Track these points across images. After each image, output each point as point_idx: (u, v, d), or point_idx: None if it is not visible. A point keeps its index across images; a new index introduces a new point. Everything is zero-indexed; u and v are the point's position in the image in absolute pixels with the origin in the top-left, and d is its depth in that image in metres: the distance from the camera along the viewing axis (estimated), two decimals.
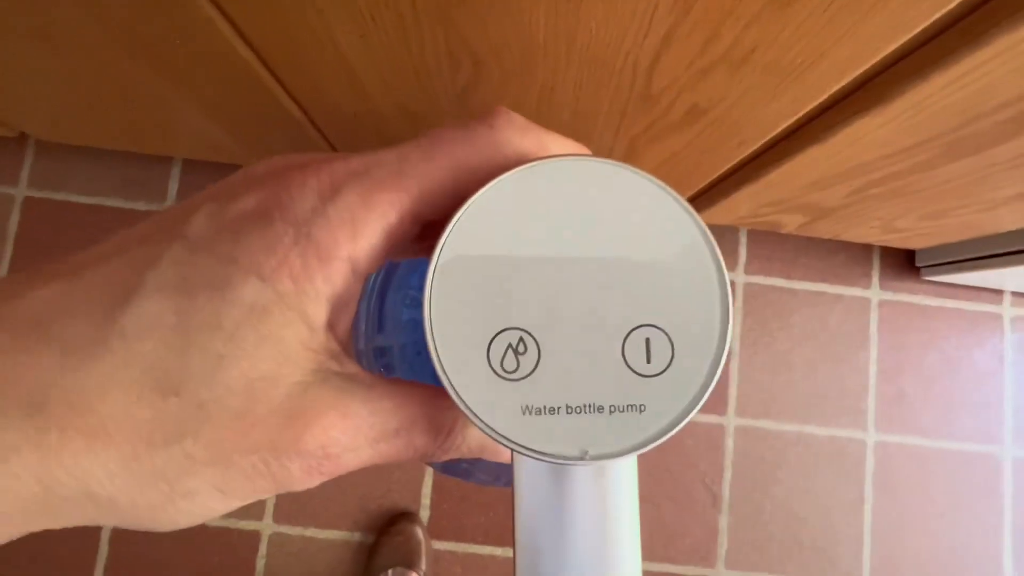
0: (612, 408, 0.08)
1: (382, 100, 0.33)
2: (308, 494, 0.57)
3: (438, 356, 0.08)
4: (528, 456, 0.08)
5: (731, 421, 0.61)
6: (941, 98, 0.25)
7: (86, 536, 0.56)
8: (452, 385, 0.08)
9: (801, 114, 0.29)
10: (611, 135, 0.34)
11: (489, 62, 0.27)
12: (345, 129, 0.39)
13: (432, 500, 0.58)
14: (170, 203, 0.61)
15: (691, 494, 0.59)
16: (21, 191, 0.61)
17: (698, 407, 0.08)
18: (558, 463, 0.08)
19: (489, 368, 0.08)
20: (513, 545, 0.09)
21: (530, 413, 0.08)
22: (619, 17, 0.22)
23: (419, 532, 0.55)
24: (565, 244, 0.08)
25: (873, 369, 0.62)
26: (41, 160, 0.61)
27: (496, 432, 0.08)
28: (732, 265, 0.64)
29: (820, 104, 0.28)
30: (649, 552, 0.58)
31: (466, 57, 0.26)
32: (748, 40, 0.22)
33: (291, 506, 0.57)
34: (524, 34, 0.24)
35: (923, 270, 0.62)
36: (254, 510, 0.57)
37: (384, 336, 0.34)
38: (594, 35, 0.23)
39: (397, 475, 0.58)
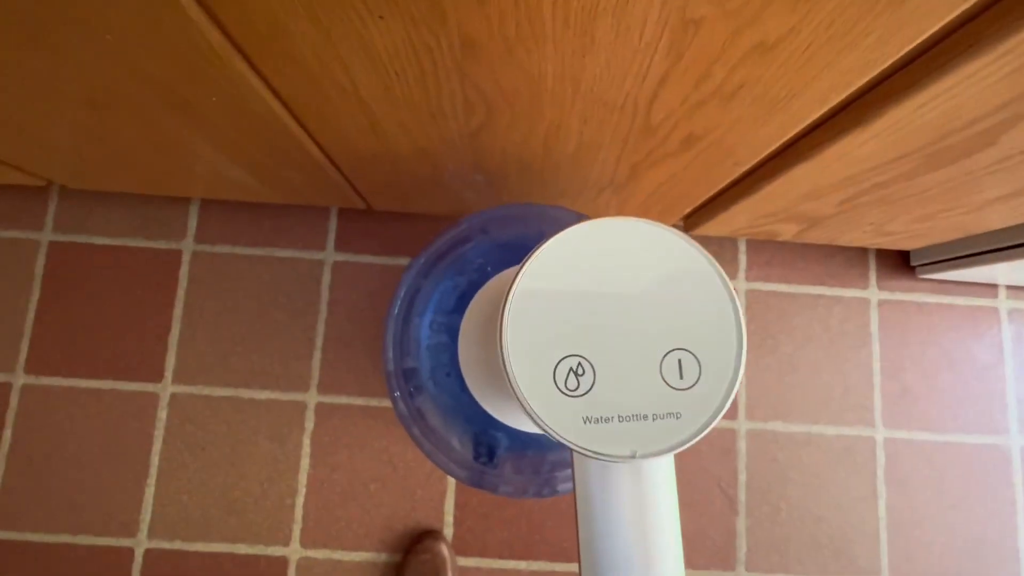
0: (654, 416, 0.10)
1: (399, 141, 0.35)
2: (334, 517, 0.59)
3: (515, 380, 0.10)
4: (590, 456, 0.10)
5: (742, 425, 0.62)
6: (915, 118, 0.27)
7: (117, 563, 0.57)
8: (528, 402, 0.10)
9: (789, 136, 0.31)
10: (613, 162, 0.36)
11: (501, 106, 0.29)
12: (363, 167, 0.41)
13: (455, 517, 0.59)
14: (189, 241, 0.64)
15: (708, 499, 0.61)
16: (46, 235, 0.63)
17: (723, 412, 0.10)
18: (614, 461, 0.10)
19: (555, 387, 0.10)
20: (576, 527, 0.10)
21: (590, 422, 0.10)
22: (620, 63, 0.24)
23: (444, 549, 0.57)
24: (609, 284, 0.11)
25: (876, 367, 0.64)
26: (64, 205, 0.64)
27: (563, 438, 0.10)
28: (733, 273, 0.66)
29: (806, 127, 0.30)
30: None
31: (480, 102, 0.29)
32: (736, 79, 0.25)
33: (317, 530, 0.59)
34: (534, 81, 0.26)
35: (918, 269, 0.64)
36: (281, 535, 0.58)
37: (412, 358, 0.36)
38: (598, 79, 0.26)
39: (420, 494, 0.59)
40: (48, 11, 0.23)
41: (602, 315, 0.10)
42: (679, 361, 0.10)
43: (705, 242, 0.65)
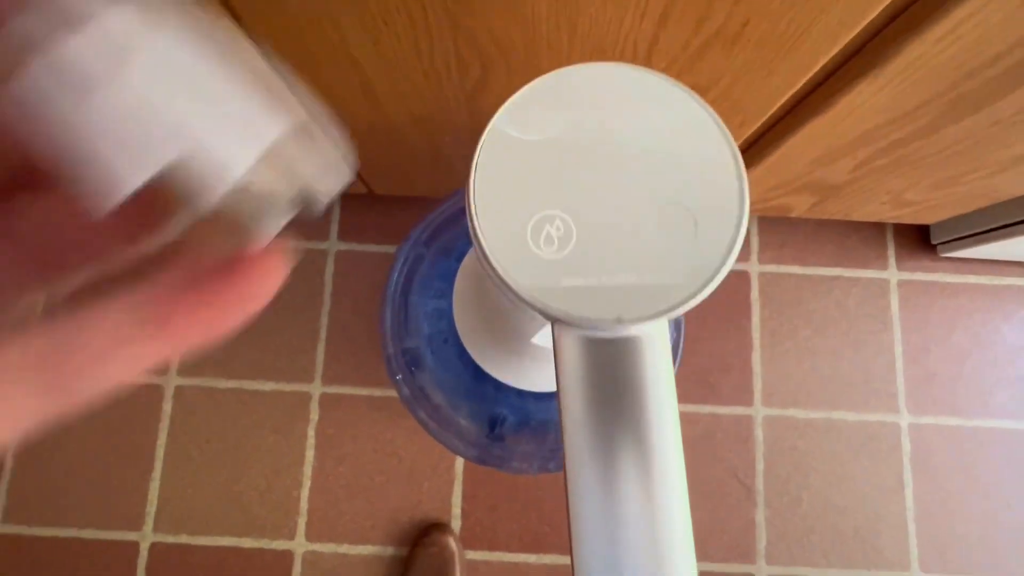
0: (643, 277, 0.09)
1: (395, 109, 0.35)
2: (339, 510, 0.58)
3: (483, 241, 0.09)
4: (568, 322, 0.09)
5: (759, 412, 0.60)
6: (936, 54, 0.25)
7: (123, 558, 0.57)
8: (493, 261, 0.09)
9: (799, 86, 0.30)
10: None
11: (496, 60, 0.28)
12: (361, 141, 0.41)
13: (463, 509, 0.57)
14: None
15: (724, 489, 0.58)
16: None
17: (722, 274, 0.09)
18: (595, 330, 0.09)
19: (528, 247, 0.09)
20: (560, 417, 0.09)
21: (569, 285, 0.09)
22: (616, 1, 0.23)
23: (452, 543, 0.55)
24: (592, 134, 0.09)
25: (899, 351, 0.61)
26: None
27: (536, 302, 0.09)
28: (745, 256, 0.64)
29: (817, 74, 0.29)
30: None
31: (474, 57, 0.28)
32: (739, 15, 0.24)
33: (323, 523, 0.57)
34: (527, 27, 0.25)
35: (939, 247, 0.61)
36: (286, 529, 0.57)
37: (412, 337, 0.35)
38: (594, 21, 0.25)
39: (427, 486, 0.58)
40: None
41: (584, 168, 0.09)
42: (671, 217, 0.09)
43: None
